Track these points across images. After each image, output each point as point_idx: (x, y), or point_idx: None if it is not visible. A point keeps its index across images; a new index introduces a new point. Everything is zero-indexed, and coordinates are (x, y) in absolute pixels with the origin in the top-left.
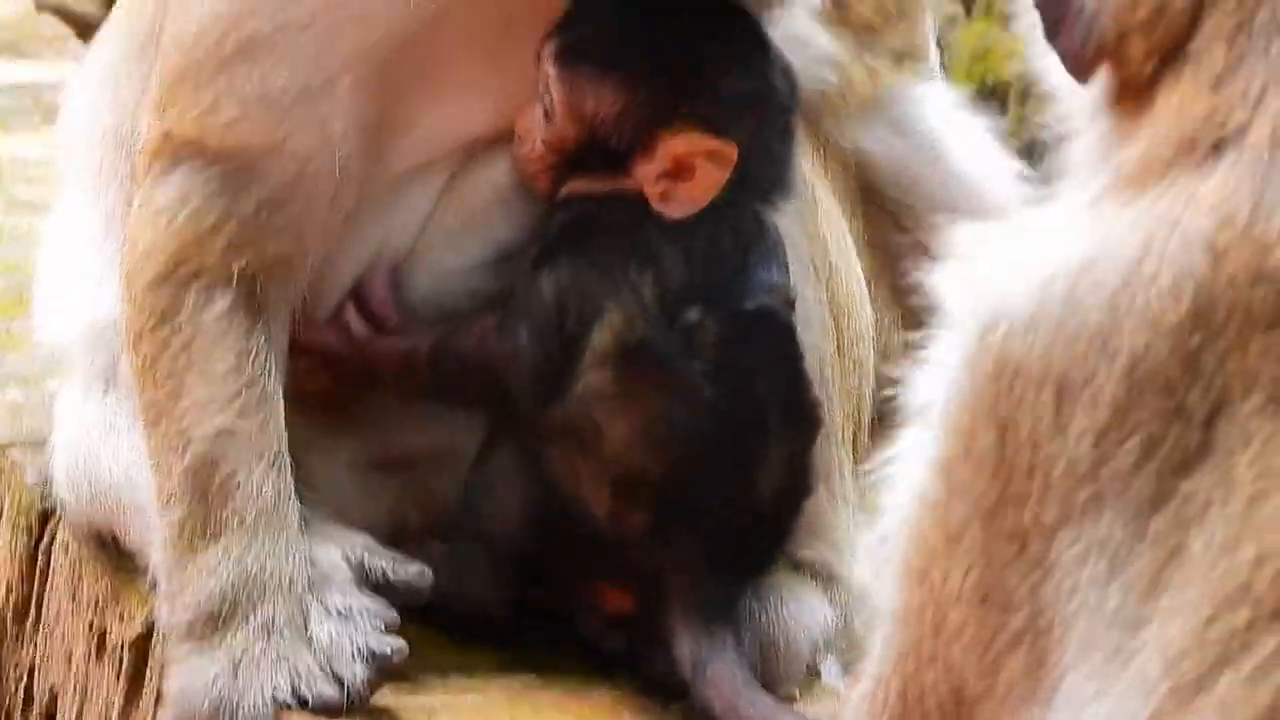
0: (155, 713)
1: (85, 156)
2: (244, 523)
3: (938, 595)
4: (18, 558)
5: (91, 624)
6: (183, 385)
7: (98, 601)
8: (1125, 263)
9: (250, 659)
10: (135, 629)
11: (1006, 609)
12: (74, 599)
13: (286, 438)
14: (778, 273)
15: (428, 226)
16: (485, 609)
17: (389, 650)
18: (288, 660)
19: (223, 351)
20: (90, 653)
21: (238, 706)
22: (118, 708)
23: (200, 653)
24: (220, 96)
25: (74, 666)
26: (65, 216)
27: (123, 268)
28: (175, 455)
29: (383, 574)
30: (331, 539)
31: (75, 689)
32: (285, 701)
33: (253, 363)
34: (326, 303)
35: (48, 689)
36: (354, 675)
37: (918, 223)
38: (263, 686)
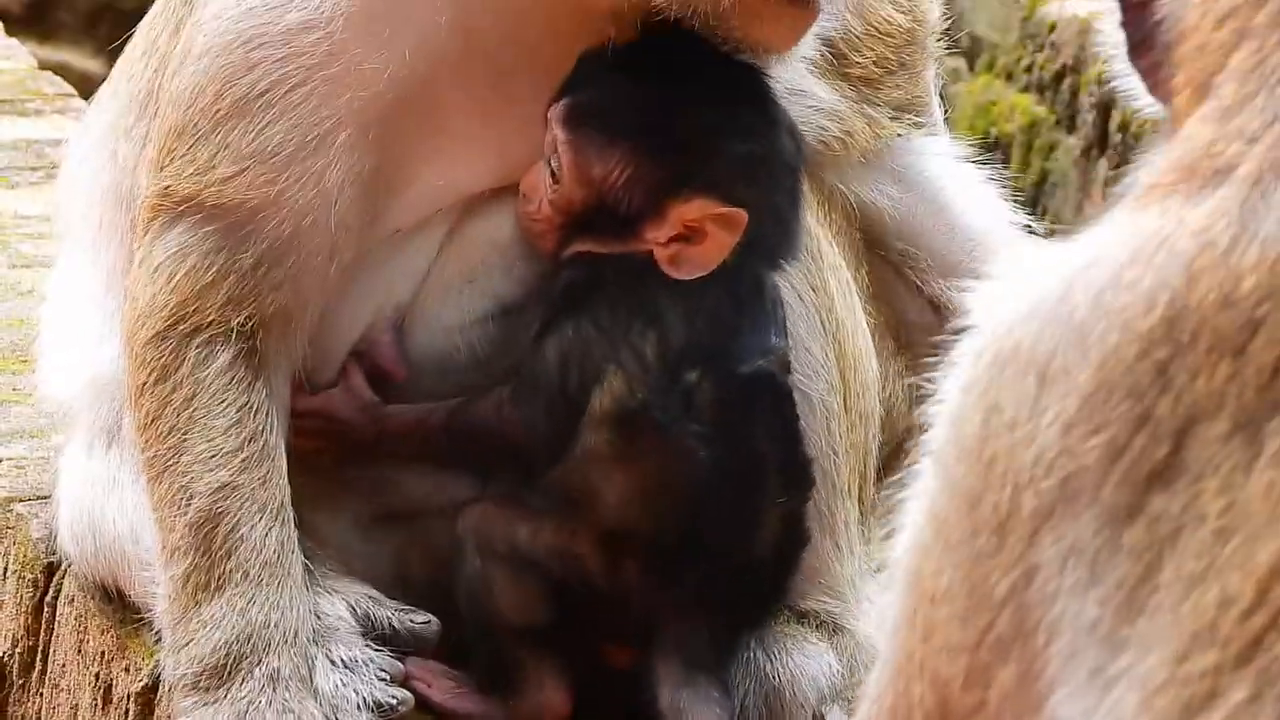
0: None
1: (86, 213)
2: (248, 575)
3: (928, 594)
4: (24, 611)
5: (97, 676)
6: (184, 440)
7: (103, 654)
8: (1115, 265)
9: (256, 711)
10: (141, 681)
11: (989, 608)
12: (80, 652)
13: (289, 490)
14: (775, 335)
15: (427, 281)
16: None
17: (394, 701)
18: (293, 712)
19: (224, 406)
20: (96, 705)
21: None
22: None
23: (206, 705)
24: (217, 153)
25: (80, 719)
26: (67, 273)
27: (123, 324)
28: (178, 510)
29: (388, 624)
30: (336, 590)
31: None
32: None
33: (254, 417)
34: (329, 357)
35: None
36: None
37: (921, 274)
38: None
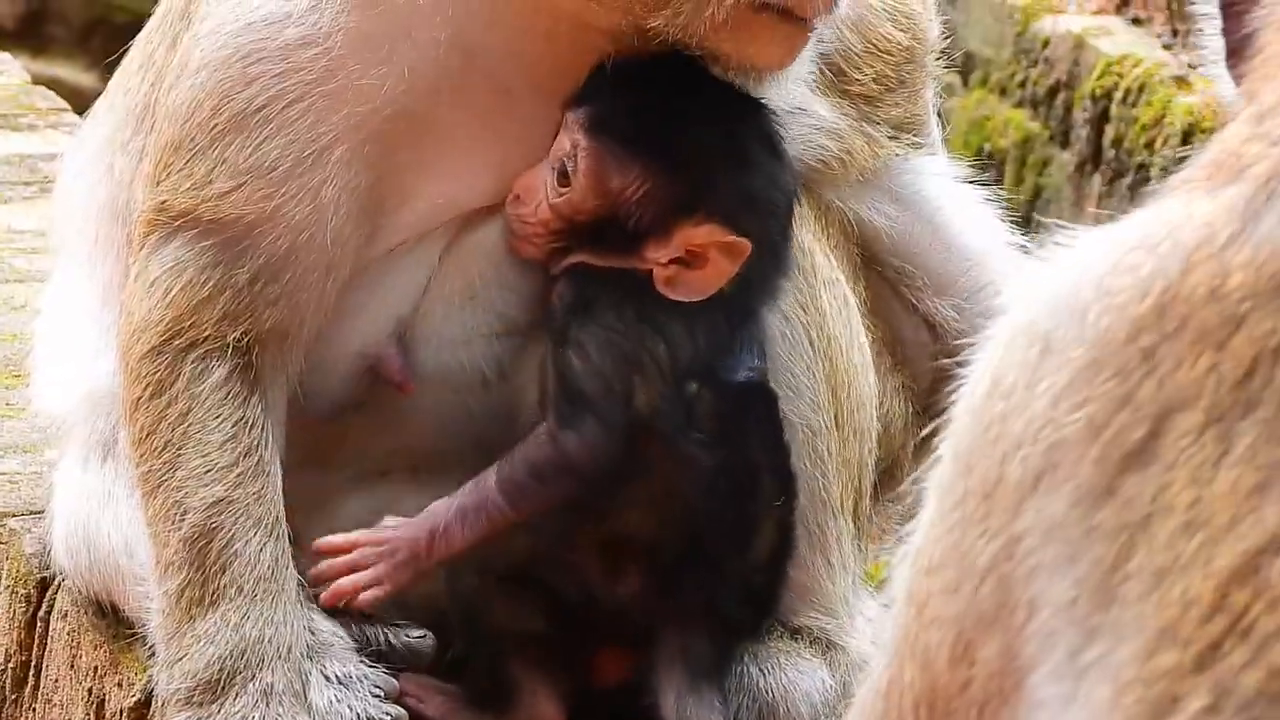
0: None
1: (82, 228)
2: (242, 591)
3: (923, 565)
4: (17, 625)
5: (90, 691)
6: (179, 455)
7: (97, 669)
8: (1122, 249)
9: None
10: (134, 696)
11: (973, 576)
12: (73, 666)
13: (284, 506)
14: (757, 357)
15: (427, 296)
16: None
17: (388, 717)
18: None
19: (219, 421)
20: None
21: None
22: None
23: None
24: (214, 168)
25: None
26: (62, 287)
27: (119, 338)
28: (172, 524)
29: (383, 640)
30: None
31: None
32: None
33: (249, 432)
34: (327, 372)
35: None
36: None
37: (917, 293)
38: None
